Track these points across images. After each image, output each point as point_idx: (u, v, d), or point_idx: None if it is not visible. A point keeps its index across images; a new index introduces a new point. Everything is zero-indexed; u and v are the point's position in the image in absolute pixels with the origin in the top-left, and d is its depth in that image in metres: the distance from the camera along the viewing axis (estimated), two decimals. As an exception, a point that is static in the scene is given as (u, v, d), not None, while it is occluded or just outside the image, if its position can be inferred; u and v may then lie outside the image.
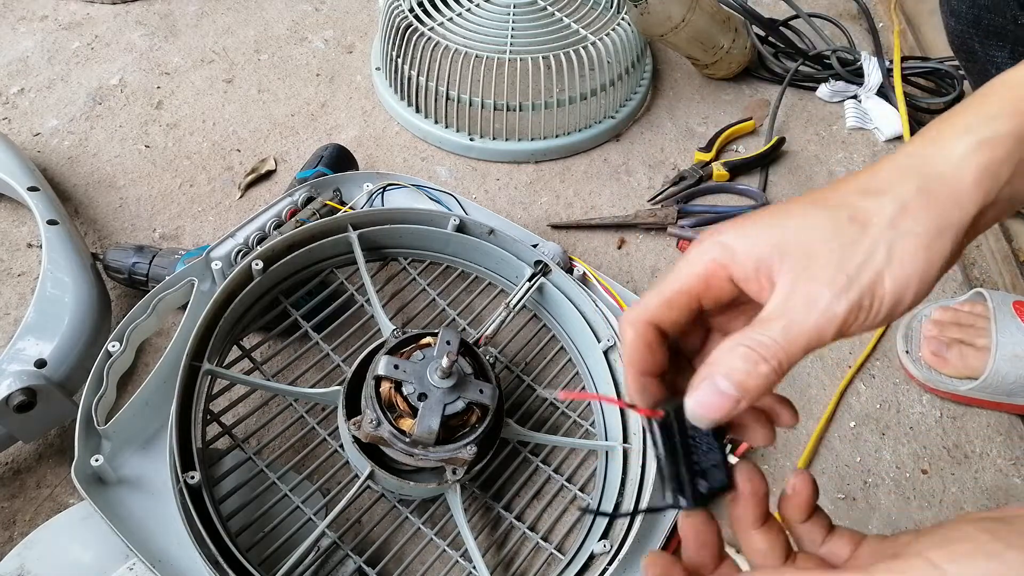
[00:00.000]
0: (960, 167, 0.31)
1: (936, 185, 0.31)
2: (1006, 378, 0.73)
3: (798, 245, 0.31)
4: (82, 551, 0.59)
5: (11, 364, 0.62)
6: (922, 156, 0.32)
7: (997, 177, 0.31)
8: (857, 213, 0.31)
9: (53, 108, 0.97)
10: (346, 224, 0.72)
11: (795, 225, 0.31)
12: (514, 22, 0.93)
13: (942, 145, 0.32)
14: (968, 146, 0.32)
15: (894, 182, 0.31)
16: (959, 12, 0.62)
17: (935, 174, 0.31)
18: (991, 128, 0.32)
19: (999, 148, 0.32)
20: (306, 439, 0.65)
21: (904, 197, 0.31)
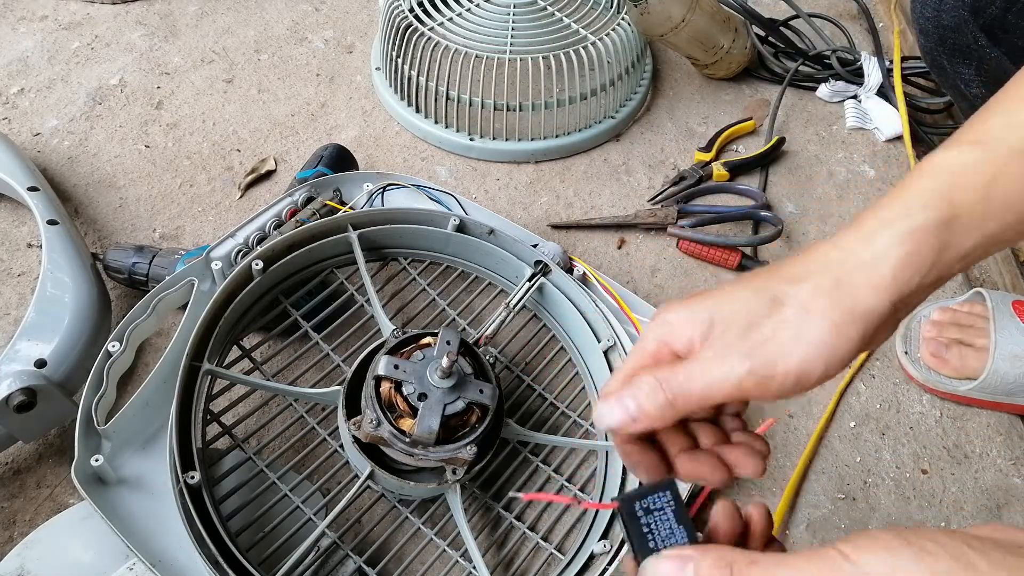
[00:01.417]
0: (879, 261, 0.35)
1: (854, 277, 0.34)
2: (1005, 378, 0.73)
3: (722, 318, 0.36)
4: (82, 551, 0.59)
5: (11, 364, 0.62)
6: (847, 250, 0.36)
7: (918, 267, 0.35)
8: (777, 295, 0.35)
9: (53, 108, 0.97)
10: (346, 224, 0.72)
11: (724, 302, 0.36)
12: (514, 22, 0.93)
13: (867, 238, 0.36)
14: (891, 239, 0.35)
15: (815, 272, 0.35)
16: (927, 31, 0.64)
17: (854, 267, 0.35)
18: (916, 219, 0.35)
19: (922, 239, 0.35)
20: (306, 439, 0.65)
21: (822, 286, 0.35)
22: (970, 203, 0.35)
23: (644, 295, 0.82)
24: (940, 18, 0.61)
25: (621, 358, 0.69)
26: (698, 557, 0.31)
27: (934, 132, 1.03)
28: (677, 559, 0.31)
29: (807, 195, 0.96)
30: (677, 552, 0.32)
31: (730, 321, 0.35)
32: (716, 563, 0.30)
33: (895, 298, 0.35)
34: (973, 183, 0.35)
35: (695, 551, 0.31)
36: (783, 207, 0.95)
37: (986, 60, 0.61)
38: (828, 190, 0.97)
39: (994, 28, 0.60)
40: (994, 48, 0.60)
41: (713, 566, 0.30)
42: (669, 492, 0.34)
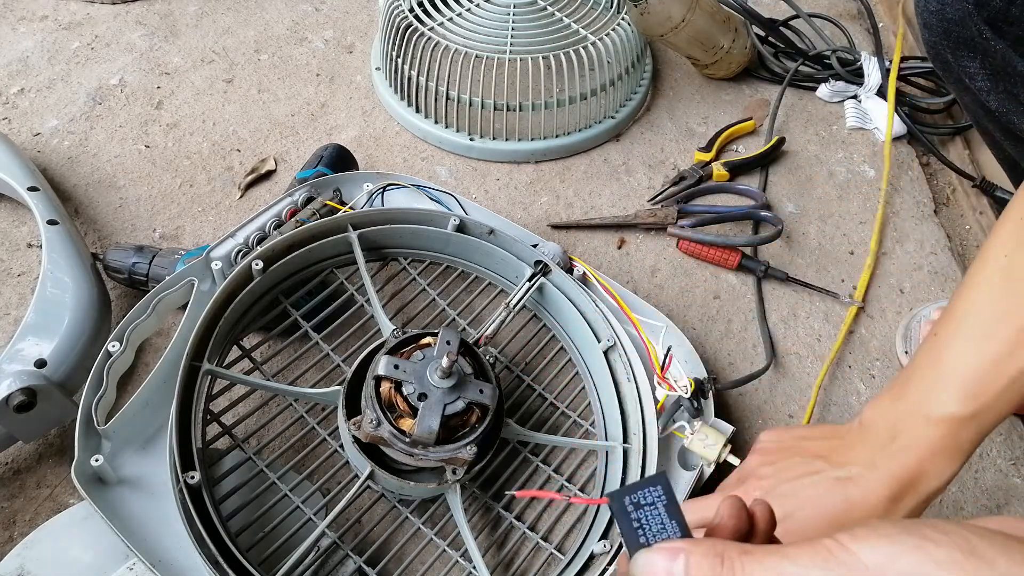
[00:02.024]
0: (917, 510, 0.47)
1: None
2: (1006, 378, 0.73)
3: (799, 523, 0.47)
4: (82, 551, 0.59)
5: (11, 364, 0.62)
6: (896, 504, 0.47)
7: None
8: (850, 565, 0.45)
9: (53, 108, 0.97)
10: (346, 224, 0.72)
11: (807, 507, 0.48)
12: (514, 22, 0.93)
13: (909, 495, 0.46)
14: (926, 496, 0.47)
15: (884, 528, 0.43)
16: (930, 24, 0.64)
17: (903, 515, 0.46)
18: (943, 478, 0.46)
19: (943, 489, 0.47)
20: (306, 439, 0.65)
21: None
22: (970, 450, 0.46)
23: (644, 295, 0.82)
24: (944, 11, 0.62)
25: (621, 358, 0.69)
26: (689, 549, 0.31)
27: (934, 132, 1.03)
28: (668, 551, 0.31)
29: (807, 195, 0.96)
30: (668, 545, 0.32)
31: (803, 530, 0.45)
32: (707, 553, 0.30)
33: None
34: (971, 436, 0.46)
35: (686, 543, 0.31)
36: (783, 207, 0.95)
37: (990, 53, 0.62)
38: (828, 190, 0.97)
39: (998, 20, 0.60)
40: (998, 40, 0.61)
41: (704, 556, 0.30)
42: (660, 487, 0.34)
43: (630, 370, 0.68)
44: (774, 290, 0.87)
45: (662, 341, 0.73)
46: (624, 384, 0.69)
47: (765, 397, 0.78)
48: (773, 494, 0.48)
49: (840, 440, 0.50)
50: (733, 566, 0.29)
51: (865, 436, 0.48)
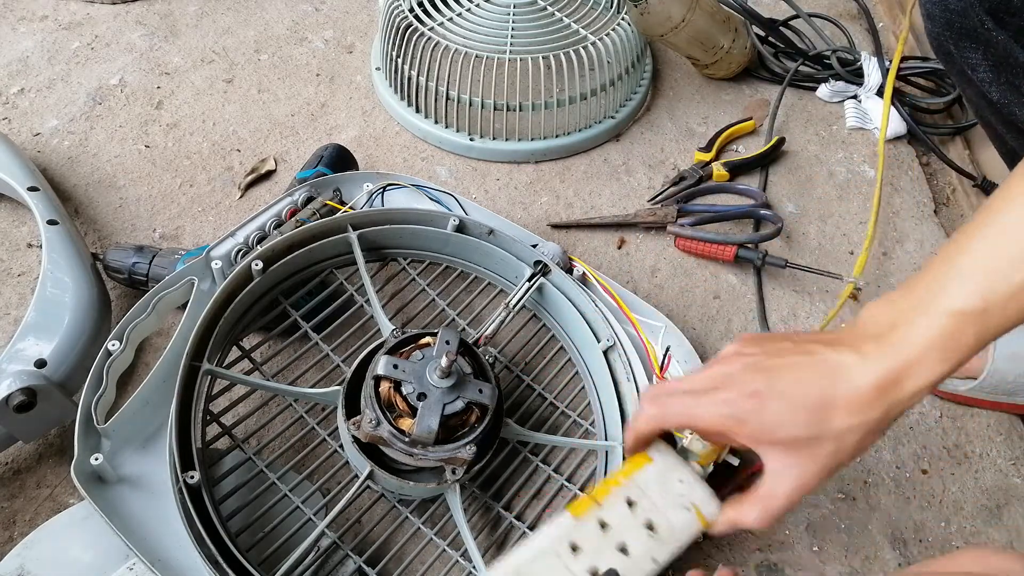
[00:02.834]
0: (906, 403, 0.45)
1: (889, 415, 0.45)
2: (1005, 377, 0.73)
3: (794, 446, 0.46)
4: (82, 551, 0.59)
5: (11, 364, 0.62)
6: (885, 391, 0.44)
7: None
8: (839, 434, 0.45)
9: (53, 108, 0.97)
10: (346, 224, 0.72)
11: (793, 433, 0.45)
12: (514, 22, 0.93)
13: (898, 383, 0.44)
14: (917, 388, 0.44)
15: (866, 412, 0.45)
16: (933, 15, 0.64)
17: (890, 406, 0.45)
18: (935, 372, 0.44)
19: (935, 385, 0.45)
20: (306, 439, 0.65)
21: (872, 427, 0.45)
22: (967, 353, 0.44)
23: (644, 295, 0.82)
24: (947, 2, 0.62)
25: (620, 358, 0.69)
26: None
27: (934, 132, 1.03)
28: None
29: (807, 195, 0.96)
30: None
31: (803, 452, 0.45)
32: None
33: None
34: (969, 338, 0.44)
35: None
36: (783, 207, 0.95)
37: (992, 43, 0.62)
38: (828, 190, 0.97)
39: (1000, 11, 0.61)
40: (1000, 31, 0.61)
41: None
42: None
43: (629, 370, 0.68)
44: (774, 290, 0.87)
45: (661, 341, 0.73)
46: (624, 384, 0.69)
47: (765, 397, 0.78)
48: (758, 366, 0.46)
49: (835, 334, 0.48)
50: None
51: (861, 329, 0.46)
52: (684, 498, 0.49)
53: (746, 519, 0.47)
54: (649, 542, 0.47)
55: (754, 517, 0.47)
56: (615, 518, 0.47)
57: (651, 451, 0.51)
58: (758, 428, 0.45)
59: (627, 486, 0.48)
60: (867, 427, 0.44)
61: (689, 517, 0.48)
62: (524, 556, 0.46)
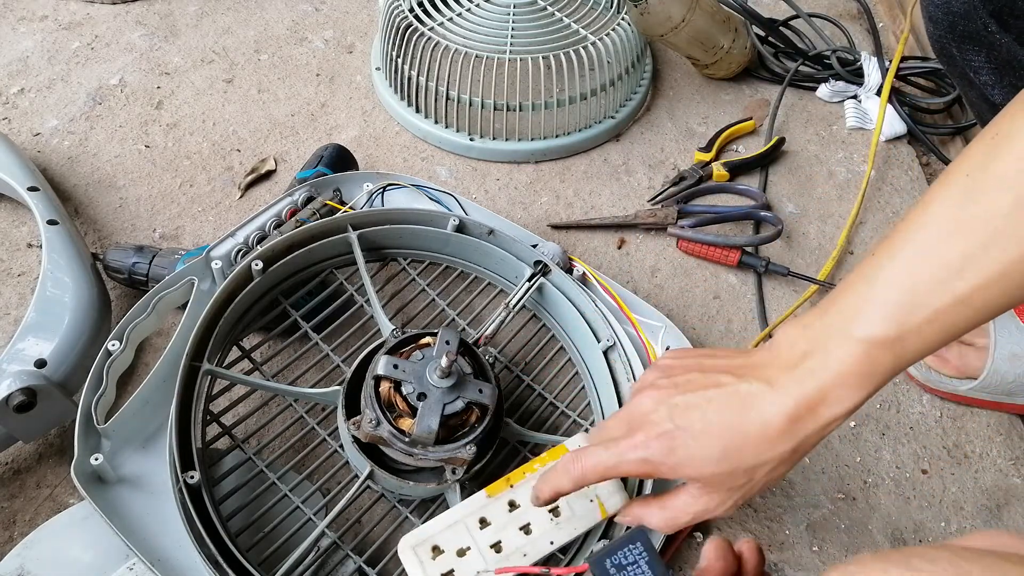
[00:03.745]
0: (819, 434, 0.44)
1: (801, 448, 0.44)
2: (1005, 377, 0.73)
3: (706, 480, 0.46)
4: (82, 551, 0.59)
5: (11, 364, 0.62)
6: (796, 425, 0.43)
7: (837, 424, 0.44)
8: (750, 469, 0.45)
9: (53, 108, 0.97)
10: (346, 224, 0.72)
11: (707, 470, 0.45)
12: (514, 22, 0.93)
13: (810, 416, 0.43)
14: (830, 419, 0.43)
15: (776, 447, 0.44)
16: (936, 18, 0.64)
17: (802, 440, 0.44)
18: (849, 401, 0.43)
19: (849, 414, 0.43)
20: (306, 439, 0.65)
21: (782, 460, 0.44)
22: (883, 379, 0.43)
23: (644, 295, 0.82)
24: (950, 5, 0.62)
25: (621, 358, 0.69)
26: None
27: (934, 132, 1.03)
28: None
29: (807, 195, 0.96)
30: None
31: (714, 485, 0.46)
32: None
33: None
34: (885, 364, 0.43)
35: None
36: (783, 207, 0.95)
37: (996, 46, 0.62)
38: (828, 190, 0.97)
39: (1003, 14, 0.60)
40: (1004, 34, 0.61)
41: None
42: (640, 543, 0.35)
43: (629, 370, 0.69)
44: (774, 290, 0.87)
45: (661, 341, 0.73)
46: (624, 384, 0.69)
47: (765, 397, 0.78)
48: (668, 403, 0.46)
49: (747, 359, 0.46)
50: None
51: (774, 355, 0.45)
52: (589, 490, 0.52)
53: (650, 520, 0.48)
54: (550, 525, 0.52)
55: (656, 522, 0.48)
56: (524, 501, 0.52)
57: (569, 442, 0.54)
58: (673, 465, 0.45)
59: (541, 474, 0.52)
60: (778, 459, 0.44)
61: (591, 507, 0.52)
62: (438, 526, 0.51)
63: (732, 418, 0.44)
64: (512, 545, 0.50)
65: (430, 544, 0.50)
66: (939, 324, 0.41)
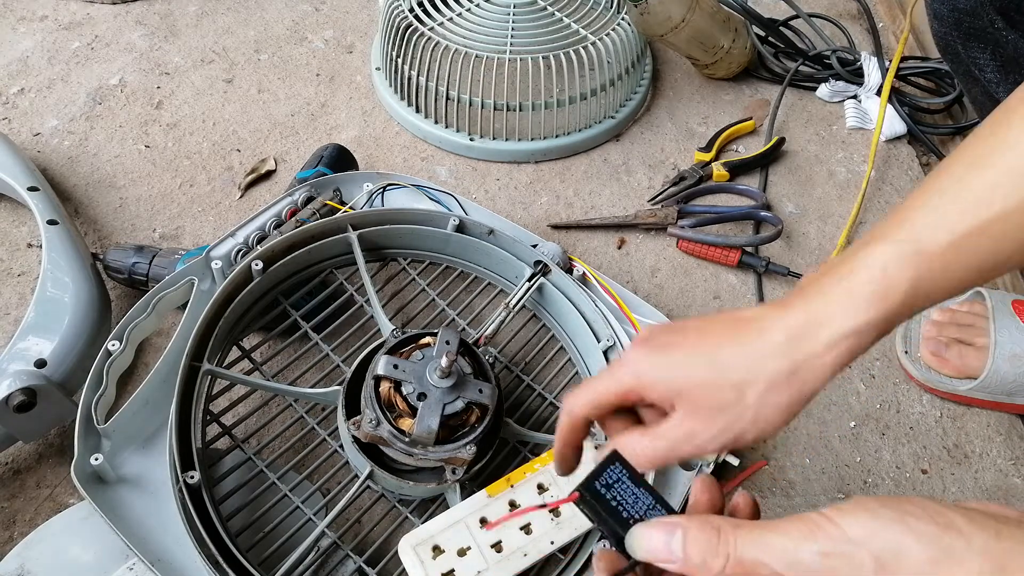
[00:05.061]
0: (823, 357, 0.39)
1: (802, 370, 0.39)
2: (1005, 378, 0.73)
3: (691, 394, 0.41)
4: (82, 551, 0.59)
5: (11, 364, 0.62)
6: (796, 341, 0.40)
7: (853, 357, 0.40)
8: (739, 383, 0.40)
9: (53, 108, 0.97)
10: (346, 224, 0.72)
11: (697, 378, 0.41)
12: (514, 22, 0.93)
13: (814, 328, 0.39)
14: (833, 337, 0.39)
15: (768, 362, 0.40)
16: (941, 15, 0.64)
17: (802, 360, 0.39)
18: (858, 319, 0.39)
19: (860, 338, 0.39)
20: (306, 439, 0.65)
21: (775, 379, 0.40)
22: (899, 302, 0.39)
23: (644, 295, 0.82)
24: (956, 2, 0.62)
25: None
26: (685, 524, 0.32)
27: (934, 132, 1.03)
28: (665, 526, 0.33)
29: (807, 195, 0.96)
30: (665, 520, 0.33)
31: (699, 400, 0.40)
32: (703, 527, 0.32)
33: (830, 378, 0.41)
34: (902, 284, 0.39)
35: (682, 519, 0.33)
36: (783, 207, 0.95)
37: (1002, 43, 0.62)
38: (828, 190, 0.97)
39: (1010, 10, 0.60)
40: (1011, 31, 0.61)
41: (700, 531, 0.32)
42: (618, 463, 0.36)
43: (630, 370, 0.68)
44: (774, 290, 0.87)
45: (662, 341, 0.73)
46: (624, 384, 0.68)
47: (765, 397, 0.78)
48: (667, 328, 0.43)
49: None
50: (727, 539, 0.31)
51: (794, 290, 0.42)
52: None
53: (632, 448, 0.41)
54: (550, 525, 0.52)
55: (639, 450, 0.41)
56: (524, 501, 0.53)
57: None
58: (658, 378, 0.41)
59: (541, 473, 0.54)
60: (772, 379, 0.39)
61: None
62: (438, 525, 0.51)
63: (728, 330, 0.41)
64: (513, 545, 0.50)
65: (431, 544, 0.50)
66: (964, 250, 0.39)
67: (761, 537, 0.30)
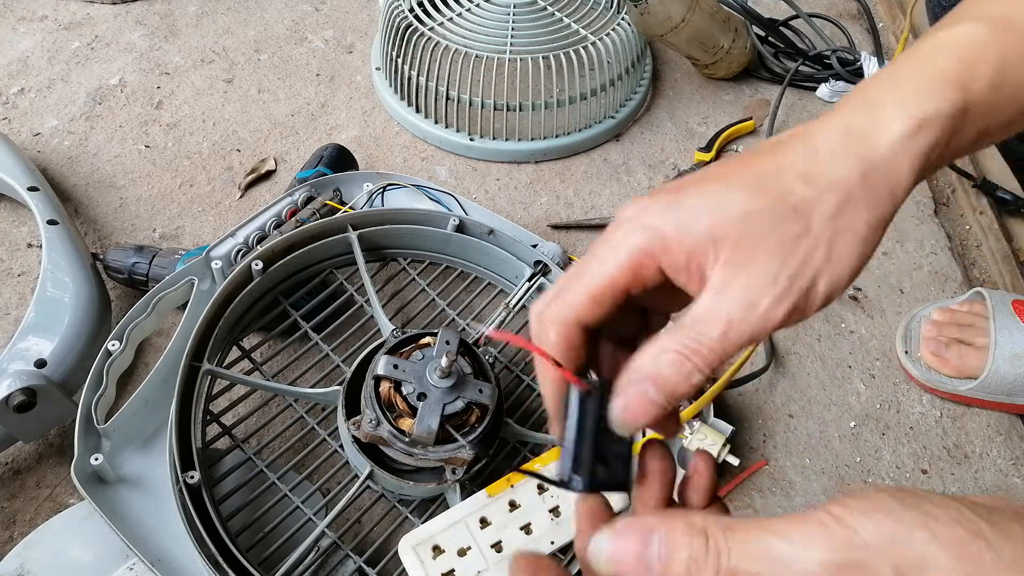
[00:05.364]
0: (898, 153, 0.30)
1: (876, 174, 0.30)
2: (1006, 378, 0.73)
3: (736, 236, 0.28)
4: (82, 551, 0.59)
5: (11, 364, 0.62)
6: (861, 133, 0.30)
7: (929, 162, 0.31)
8: (799, 203, 0.29)
9: (53, 108, 0.97)
10: (346, 224, 0.72)
11: (732, 213, 0.29)
12: (514, 22, 0.93)
13: (879, 121, 0.30)
14: (907, 127, 0.30)
15: (836, 167, 0.30)
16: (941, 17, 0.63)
17: (876, 159, 0.30)
18: (928, 105, 0.30)
19: (935, 130, 0.30)
20: (306, 439, 0.65)
21: (847, 187, 0.29)
22: (981, 89, 0.31)
23: (644, 295, 0.82)
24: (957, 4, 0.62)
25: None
26: (664, 528, 0.26)
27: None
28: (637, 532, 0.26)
29: (807, 195, 0.96)
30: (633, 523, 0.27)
31: (748, 242, 0.28)
32: (687, 532, 0.25)
33: (905, 197, 0.31)
34: (985, 66, 0.31)
35: (656, 519, 0.26)
36: (783, 207, 0.95)
37: None
38: (828, 190, 0.97)
39: None
40: None
41: (684, 535, 0.25)
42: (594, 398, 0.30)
43: (630, 370, 0.68)
44: (774, 290, 0.87)
45: (662, 341, 0.73)
46: (624, 384, 0.68)
47: (765, 397, 0.78)
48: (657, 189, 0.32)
49: None
50: (718, 546, 0.25)
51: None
52: None
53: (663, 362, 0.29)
54: (550, 525, 0.52)
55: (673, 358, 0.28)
56: (524, 501, 0.52)
57: None
58: (682, 224, 0.29)
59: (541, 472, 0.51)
60: (842, 190, 0.29)
61: None
62: (438, 525, 0.51)
63: (758, 155, 0.31)
64: (513, 545, 0.50)
65: (431, 544, 0.50)
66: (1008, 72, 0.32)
67: (759, 543, 0.25)
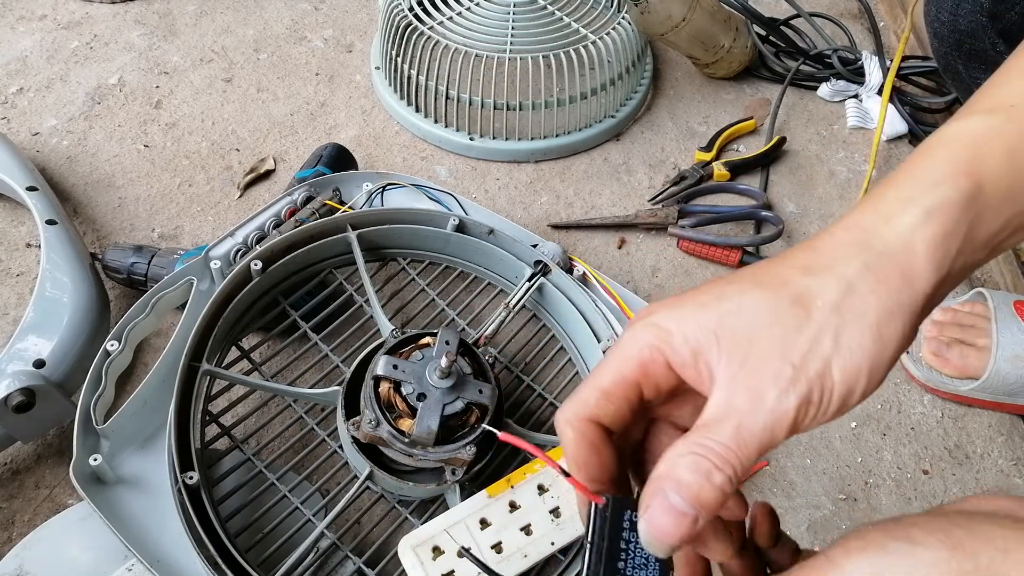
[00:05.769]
0: (909, 241, 0.29)
1: (884, 262, 0.29)
2: (1007, 378, 0.73)
3: (736, 330, 0.28)
4: (81, 551, 0.58)
5: (10, 364, 0.62)
6: (865, 229, 0.30)
7: (948, 250, 0.29)
8: (800, 294, 0.28)
9: (52, 108, 0.97)
10: (345, 224, 0.72)
11: (732, 307, 0.29)
12: (514, 21, 0.93)
13: (886, 216, 0.30)
14: (915, 217, 0.29)
15: (837, 258, 0.29)
16: (942, 35, 0.63)
17: (881, 249, 0.29)
18: (937, 195, 0.30)
19: (947, 218, 0.29)
20: (305, 440, 0.65)
21: (849, 275, 0.28)
22: (995, 175, 0.30)
23: (644, 295, 0.82)
24: (956, 23, 0.61)
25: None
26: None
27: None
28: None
29: (808, 195, 0.96)
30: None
31: (748, 336, 0.28)
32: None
33: (932, 288, 0.29)
34: (995, 152, 0.30)
35: None
36: (784, 207, 0.95)
37: None
38: (829, 190, 0.97)
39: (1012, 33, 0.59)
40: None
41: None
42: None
43: (630, 370, 0.68)
44: (775, 290, 0.86)
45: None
46: (624, 384, 0.68)
47: (766, 397, 0.78)
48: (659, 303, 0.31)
49: None
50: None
51: None
52: None
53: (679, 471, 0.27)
54: (551, 526, 0.52)
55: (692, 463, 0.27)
56: (525, 501, 0.52)
57: None
58: (681, 318, 0.29)
59: (541, 473, 0.53)
60: (843, 282, 0.28)
61: None
62: (438, 526, 0.51)
63: (760, 267, 0.31)
64: (513, 546, 0.50)
65: (431, 544, 0.50)
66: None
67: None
